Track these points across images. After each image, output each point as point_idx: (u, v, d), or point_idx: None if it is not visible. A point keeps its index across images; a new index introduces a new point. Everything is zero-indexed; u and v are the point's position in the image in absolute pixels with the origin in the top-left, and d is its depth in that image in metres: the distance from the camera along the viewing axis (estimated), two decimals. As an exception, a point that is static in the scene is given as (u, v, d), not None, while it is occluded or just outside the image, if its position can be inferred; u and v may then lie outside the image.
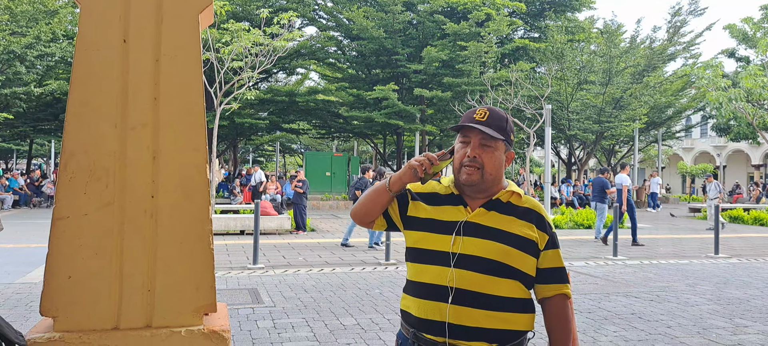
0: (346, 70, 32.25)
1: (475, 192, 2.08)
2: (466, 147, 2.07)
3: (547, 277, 2.06)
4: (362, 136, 36.22)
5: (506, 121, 2.10)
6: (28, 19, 23.06)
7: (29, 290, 7.50)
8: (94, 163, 2.29)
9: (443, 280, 2.00)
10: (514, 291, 2.01)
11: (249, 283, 8.22)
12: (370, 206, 2.21)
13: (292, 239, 13.91)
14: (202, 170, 2.42)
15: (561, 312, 2.07)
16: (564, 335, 2.06)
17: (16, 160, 50.15)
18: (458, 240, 2.02)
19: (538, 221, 2.06)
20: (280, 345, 5.24)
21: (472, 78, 25.66)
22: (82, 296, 2.23)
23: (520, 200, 2.09)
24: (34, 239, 12.02)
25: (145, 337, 2.24)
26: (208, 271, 2.37)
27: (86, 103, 2.32)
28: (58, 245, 2.24)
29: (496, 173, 2.06)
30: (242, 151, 46.73)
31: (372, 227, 2.27)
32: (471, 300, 1.97)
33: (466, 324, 1.97)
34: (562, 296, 2.07)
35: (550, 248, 2.06)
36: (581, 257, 11.50)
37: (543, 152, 33.98)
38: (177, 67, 2.42)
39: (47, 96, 24.42)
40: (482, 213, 2.05)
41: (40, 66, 24.86)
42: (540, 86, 24.54)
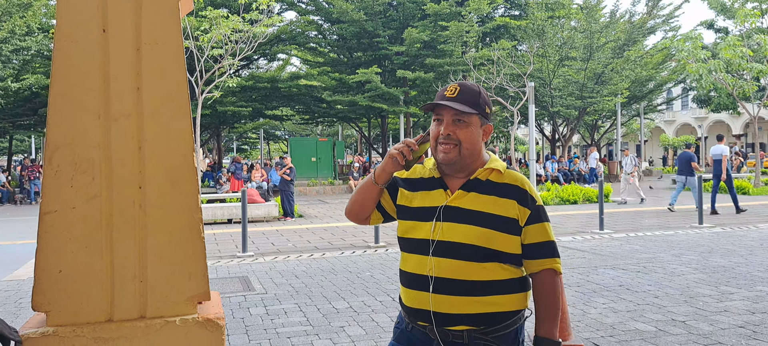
0: (327, 54, 32.08)
1: (454, 171, 2.05)
2: (440, 126, 2.03)
3: (532, 252, 2.02)
4: (346, 121, 36.13)
5: (479, 95, 2.05)
6: (1, 13, 22.62)
7: (17, 287, 7.43)
8: (79, 155, 2.26)
9: (423, 269, 2.01)
10: (499, 273, 1.99)
11: (239, 271, 8.21)
12: (361, 201, 2.21)
13: (280, 226, 13.89)
14: (189, 159, 2.40)
15: (547, 287, 2.02)
16: (549, 310, 2.02)
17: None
18: (438, 227, 2.00)
19: (519, 197, 2.01)
20: (273, 331, 5.25)
21: (454, 58, 25.64)
22: (73, 290, 2.21)
23: (500, 176, 2.04)
24: (18, 236, 11.89)
25: (140, 328, 2.23)
26: (200, 259, 2.36)
27: (68, 96, 2.29)
28: (47, 240, 2.21)
29: (473, 148, 2.03)
30: (226, 140, 46.42)
31: (368, 222, 2.26)
32: (452, 288, 1.96)
33: (449, 312, 1.97)
34: (549, 271, 2.02)
35: (533, 222, 2.01)
36: (568, 232, 11.61)
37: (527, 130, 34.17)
38: (158, 55, 2.39)
39: (25, 91, 24.05)
40: (461, 195, 2.02)
41: (16, 61, 24.43)
42: (522, 64, 24.62)
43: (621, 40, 31.03)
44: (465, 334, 1.97)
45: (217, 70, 17.08)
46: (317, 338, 5.04)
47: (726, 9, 29.33)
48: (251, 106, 28.57)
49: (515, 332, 2.04)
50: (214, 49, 16.63)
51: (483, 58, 24.82)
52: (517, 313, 2.03)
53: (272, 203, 16.03)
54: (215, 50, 16.63)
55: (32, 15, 23.42)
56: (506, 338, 2.01)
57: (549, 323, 2.01)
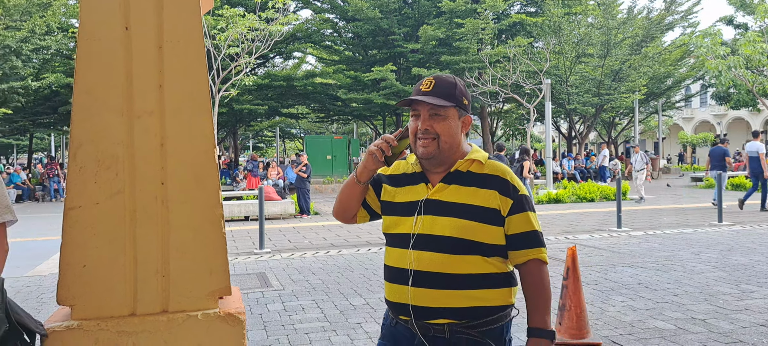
0: (342, 52, 32.12)
1: (435, 164, 2.03)
2: (417, 120, 2.02)
3: (516, 243, 1.98)
4: (361, 119, 36.18)
5: (455, 86, 2.02)
6: (21, 13, 22.93)
7: (39, 282, 7.54)
8: (102, 152, 2.29)
9: (404, 263, 2.00)
10: (483, 266, 1.96)
11: (257, 267, 8.26)
12: (346, 200, 2.20)
13: (296, 223, 13.95)
14: (211, 156, 2.43)
15: (534, 278, 1.99)
16: (539, 300, 1.99)
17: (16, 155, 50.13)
18: (420, 220, 2.00)
19: (500, 186, 1.98)
20: (291, 327, 5.29)
21: (469, 55, 25.56)
22: (97, 284, 2.24)
23: (481, 167, 2.01)
24: (39, 233, 12.06)
25: (162, 322, 2.26)
26: (221, 255, 2.38)
27: (91, 93, 2.32)
28: (71, 235, 2.25)
29: (452, 141, 2.01)
30: (242, 138, 46.68)
31: (355, 221, 2.25)
32: (431, 281, 1.95)
33: (428, 305, 1.96)
34: (535, 261, 1.99)
35: (515, 212, 1.98)
36: (585, 230, 11.53)
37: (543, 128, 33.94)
38: (180, 53, 2.41)
39: (45, 89, 24.37)
40: (442, 188, 2.01)
41: (36, 60, 24.76)
42: (538, 61, 24.46)
43: (639, 36, 30.71)
44: (446, 327, 1.95)
45: (233, 69, 17.19)
46: (334, 334, 5.07)
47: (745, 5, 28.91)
48: (267, 104, 28.73)
49: (501, 328, 2.00)
50: (231, 48, 16.72)
51: (499, 55, 24.71)
52: (503, 309, 2.00)
53: (288, 200, 16.10)
54: (232, 49, 16.72)
55: (52, 14, 23.72)
56: (491, 334, 1.98)
57: (541, 312, 1.98)
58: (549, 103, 19.48)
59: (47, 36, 23.51)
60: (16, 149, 48.54)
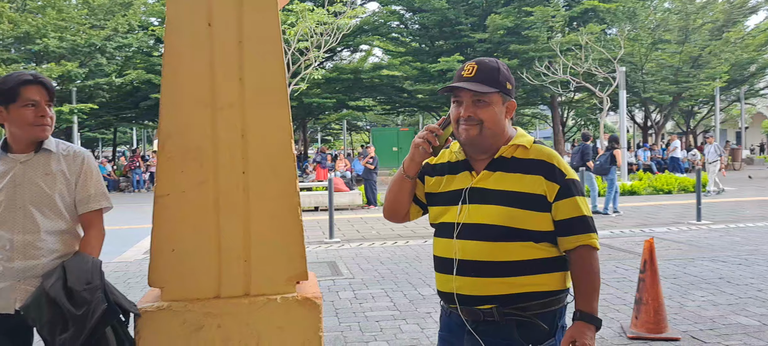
0: (409, 44, 32.10)
1: (478, 151, 2.00)
2: (460, 107, 1.98)
3: (564, 228, 1.94)
4: (427, 110, 36.06)
5: (498, 71, 1.97)
6: (105, 12, 24.17)
7: (126, 268, 7.99)
8: (188, 143, 2.42)
9: (449, 252, 1.98)
10: (529, 253, 1.92)
11: (327, 256, 8.44)
12: (396, 198, 2.16)
13: (364, 214, 14.12)
14: (288, 146, 2.52)
15: (582, 264, 1.94)
16: (587, 286, 1.95)
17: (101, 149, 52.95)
18: (464, 209, 1.97)
19: (546, 172, 1.93)
20: (362, 315, 5.39)
21: (539, 44, 25.01)
22: (185, 268, 2.37)
23: (526, 152, 1.97)
24: (125, 222, 12.72)
25: (244, 304, 2.36)
26: (299, 242, 2.47)
27: (178, 87, 2.45)
28: (160, 222, 2.39)
29: (495, 127, 1.97)
30: (311, 131, 47.54)
31: (408, 218, 2.21)
32: (476, 270, 1.93)
33: (474, 294, 1.94)
34: (584, 247, 1.94)
35: (563, 197, 1.92)
36: (663, 223, 11.12)
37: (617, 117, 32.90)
38: (259, 47, 2.51)
39: (127, 85, 25.60)
40: (486, 176, 1.97)
41: (119, 57, 26.04)
42: (612, 48, 23.66)
43: (719, 20, 29.14)
44: (494, 310, 1.92)
45: (302, 63, 17.52)
46: (405, 322, 5.13)
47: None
48: (335, 97, 29.11)
49: (554, 313, 1.96)
50: (300, 42, 17.05)
51: (570, 43, 24.05)
52: (555, 293, 1.96)
53: (356, 191, 16.30)
54: (301, 43, 17.05)
55: (133, 13, 24.88)
56: (544, 318, 1.94)
57: (588, 298, 1.94)
58: (623, 91, 18.84)
59: (129, 34, 24.69)
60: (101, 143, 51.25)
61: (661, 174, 20.31)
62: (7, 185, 2.32)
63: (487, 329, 1.94)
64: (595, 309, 1.94)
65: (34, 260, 2.31)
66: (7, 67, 21.07)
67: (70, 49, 22.87)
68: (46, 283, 2.20)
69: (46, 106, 2.37)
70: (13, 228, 2.30)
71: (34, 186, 2.34)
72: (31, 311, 2.16)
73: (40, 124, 2.35)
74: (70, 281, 2.17)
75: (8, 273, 2.30)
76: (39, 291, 2.19)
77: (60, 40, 22.43)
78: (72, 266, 2.25)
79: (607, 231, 10.26)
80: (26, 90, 2.33)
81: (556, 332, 1.96)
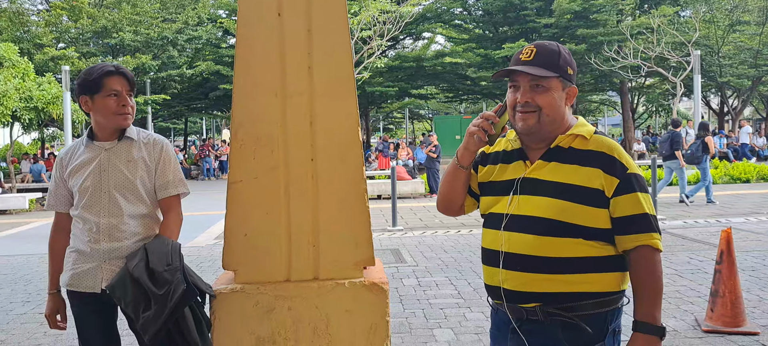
0: (472, 30, 31.71)
1: (535, 140, 1.89)
2: (516, 93, 1.87)
3: (623, 227, 1.79)
4: (491, 97, 35.56)
5: (558, 55, 1.86)
6: (176, 6, 25.07)
7: (198, 252, 8.32)
8: (260, 130, 2.49)
9: (496, 244, 1.89)
10: (582, 250, 1.79)
11: (390, 244, 8.51)
12: (450, 191, 2.08)
13: (426, 202, 14.13)
14: (355, 134, 2.55)
15: (642, 266, 1.78)
16: (647, 291, 1.78)
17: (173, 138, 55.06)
18: (514, 200, 1.87)
19: (605, 164, 1.80)
20: (426, 302, 5.42)
21: (608, 28, 24.24)
22: (257, 252, 2.45)
23: (585, 142, 1.84)
24: (196, 208, 13.23)
25: (313, 288, 2.42)
26: (366, 228, 2.51)
27: (249, 76, 2.52)
28: (234, 207, 2.47)
29: (554, 114, 1.85)
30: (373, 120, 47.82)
31: (463, 212, 2.11)
32: (522, 264, 1.83)
33: (520, 289, 1.84)
34: (645, 247, 1.78)
35: (622, 193, 1.78)
36: (740, 213, 10.61)
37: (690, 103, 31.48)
38: (327, 36, 2.54)
39: (197, 77, 26.51)
40: (540, 166, 1.87)
41: (189, 49, 26.98)
42: (686, 31, 22.67)
43: (806, -2, 27.36)
44: (538, 310, 1.82)
45: (365, 52, 17.63)
46: (469, 310, 5.12)
47: None
48: (397, 85, 29.17)
49: (605, 316, 1.82)
50: (363, 31, 17.15)
51: (641, 27, 23.18)
52: (607, 295, 1.82)
53: (418, 180, 16.32)
54: (364, 32, 17.15)
55: (202, 6, 25.71)
56: (592, 321, 1.81)
57: (649, 305, 1.78)
58: (698, 76, 18.01)
59: (198, 27, 25.54)
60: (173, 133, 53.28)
61: (738, 162, 19.33)
62: (93, 171, 2.47)
63: (532, 329, 1.85)
64: (658, 318, 1.79)
65: (118, 242, 2.45)
66: (87, 60, 22.20)
67: (143, 43, 23.87)
68: (129, 264, 2.32)
69: (127, 95, 2.50)
70: (99, 212, 2.45)
71: (117, 172, 2.48)
72: (117, 290, 2.29)
73: (122, 113, 2.48)
74: (152, 262, 2.29)
75: (95, 254, 2.45)
76: (123, 271, 2.32)
77: (135, 34, 23.45)
78: (153, 248, 2.37)
79: (681, 221, 9.88)
80: (109, 80, 2.46)
81: (606, 336, 1.83)
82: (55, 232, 2.62)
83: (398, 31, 18.26)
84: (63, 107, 15.94)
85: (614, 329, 1.85)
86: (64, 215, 2.59)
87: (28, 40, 23.37)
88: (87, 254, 2.46)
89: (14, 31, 23.18)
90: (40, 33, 23.69)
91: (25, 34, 23.80)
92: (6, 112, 15.06)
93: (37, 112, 15.76)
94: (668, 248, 7.55)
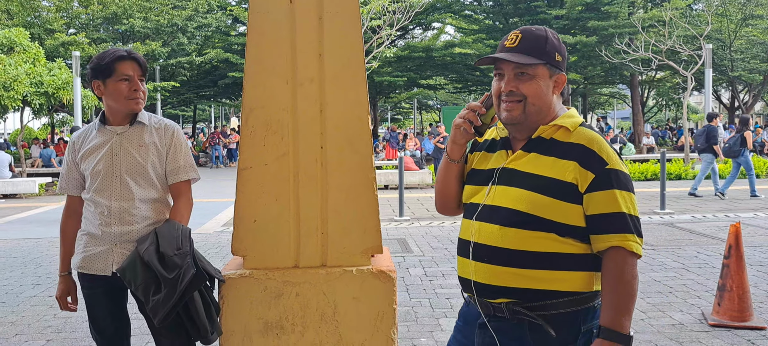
0: (482, 21, 31.56)
1: (521, 130, 1.81)
2: (501, 81, 1.80)
3: (596, 225, 1.69)
4: (500, 89, 35.44)
5: (545, 40, 1.77)
6: (186, -6, 25.10)
7: (205, 239, 8.37)
8: (270, 117, 2.50)
9: (468, 234, 1.84)
10: (552, 245, 1.70)
11: (397, 234, 8.53)
12: (445, 188, 2.01)
13: (433, 193, 14.07)
14: (365, 121, 2.56)
15: (612, 269, 1.67)
16: (614, 296, 1.67)
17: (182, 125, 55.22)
18: (492, 190, 1.80)
19: (582, 157, 1.70)
20: (432, 291, 5.43)
21: (619, 20, 24.08)
22: (266, 238, 2.47)
23: (568, 134, 1.75)
24: (204, 195, 13.29)
25: (321, 274, 2.44)
26: (374, 215, 2.52)
27: (261, 63, 2.53)
28: (244, 192, 2.49)
29: (540, 104, 1.76)
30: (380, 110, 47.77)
31: (461, 210, 2.00)
32: (491, 256, 1.75)
33: (488, 282, 1.76)
34: (618, 249, 1.67)
35: (597, 189, 1.67)
36: (749, 208, 10.56)
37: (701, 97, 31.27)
38: (338, 23, 2.55)
39: (206, 64, 26.56)
40: (520, 156, 1.79)
41: (199, 36, 27.02)
42: (698, 25, 22.48)
43: (821, -8, 27.05)
44: (504, 307, 1.75)
45: (375, 41, 17.59)
46: (475, 301, 5.13)
47: None
48: (406, 75, 29.12)
49: (574, 315, 1.73)
50: (373, 21, 17.11)
51: (653, 19, 22.99)
52: (578, 294, 1.73)
53: (426, 170, 16.32)
54: (374, 21, 17.11)
55: (212, -6, 25.71)
56: (559, 321, 1.72)
57: (616, 311, 1.66)
58: (709, 70, 17.89)
59: (208, 14, 25.55)
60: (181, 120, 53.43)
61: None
62: (105, 155, 2.49)
63: (500, 326, 1.78)
64: (626, 326, 1.66)
65: (129, 226, 2.47)
66: (97, 46, 22.28)
67: (153, 29, 23.93)
68: (140, 247, 2.35)
69: (138, 80, 2.51)
70: (111, 196, 2.47)
71: (129, 156, 2.50)
72: (127, 273, 2.32)
73: (133, 97, 2.49)
74: (163, 246, 2.31)
75: (106, 237, 2.47)
76: (134, 255, 2.35)
77: (144, 21, 23.51)
78: (164, 232, 2.39)
79: (689, 215, 9.85)
80: (121, 65, 2.48)
81: (578, 337, 1.74)
82: (67, 215, 2.65)
83: (408, 20, 18.20)
84: (73, 93, 16.03)
85: (589, 330, 1.75)
86: (76, 199, 2.62)
87: (39, 25, 23.49)
88: (98, 237, 2.48)
89: (25, 16, 23.29)
90: (51, 18, 23.80)
91: (36, 19, 23.91)
92: (17, 96, 15.16)
93: (47, 98, 15.85)
94: (676, 242, 7.53)
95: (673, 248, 7.21)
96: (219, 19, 25.86)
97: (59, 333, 4.59)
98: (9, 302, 5.49)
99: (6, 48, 16.43)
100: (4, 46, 16.39)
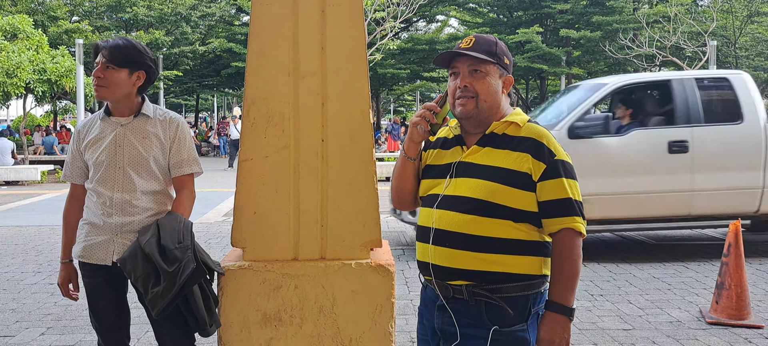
0: (486, 14, 31.45)
1: (473, 125, 2.00)
2: (456, 79, 1.98)
3: (548, 210, 1.90)
4: (504, 83, 35.36)
5: (495, 44, 1.98)
6: (190, -18, 25.05)
7: (206, 229, 8.39)
8: (272, 109, 2.50)
9: (428, 222, 1.99)
10: (506, 231, 1.90)
11: (397, 226, 8.54)
12: (401, 184, 2.16)
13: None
14: (366, 115, 2.56)
15: (562, 249, 1.90)
16: (562, 273, 1.90)
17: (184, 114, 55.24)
18: (451, 183, 1.98)
19: (534, 150, 1.90)
20: (431, 285, 5.44)
21: (624, 15, 23.98)
22: (265, 230, 2.48)
23: (518, 129, 1.95)
24: (206, 185, 13.32)
25: (320, 267, 2.45)
26: (374, 209, 2.52)
27: (263, 54, 2.52)
28: (244, 184, 2.49)
29: (491, 101, 1.96)
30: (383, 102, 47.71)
31: (418, 205, 2.16)
32: (451, 240, 1.93)
33: (447, 265, 1.94)
34: (567, 230, 1.89)
35: (548, 177, 1.89)
36: (750, 207, 10.54)
37: (705, 94, 31.08)
38: (341, 16, 2.54)
39: (210, 54, 26.53)
40: (475, 150, 1.98)
41: (202, 26, 26.97)
42: (703, 21, 22.39)
43: (828, -10, 26.90)
44: (464, 289, 1.93)
45: (378, 33, 17.55)
46: (474, 295, 5.15)
47: None
48: (409, 68, 29.06)
49: (526, 298, 1.93)
50: (377, 12, 17.06)
51: (657, 15, 22.92)
52: (528, 278, 1.93)
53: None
54: (378, 13, 17.06)
55: (216, -17, 25.65)
56: (514, 303, 1.91)
57: (563, 286, 1.89)
58: (714, 67, 17.80)
59: (212, 3, 25.50)
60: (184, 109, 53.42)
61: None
62: (108, 145, 2.50)
63: (457, 307, 1.95)
64: (570, 300, 1.90)
65: (131, 217, 2.48)
66: (101, 34, 22.25)
67: (157, 18, 23.90)
68: (141, 239, 2.36)
69: (103, 67, 2.45)
70: (113, 186, 2.48)
71: (132, 148, 2.50)
72: (128, 263, 2.33)
73: (95, 85, 2.49)
74: (164, 238, 2.32)
75: (107, 227, 2.48)
76: (135, 246, 2.36)
77: (148, 9, 23.48)
78: (165, 224, 2.40)
79: (690, 213, 9.83)
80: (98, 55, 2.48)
81: (528, 317, 1.93)
82: (70, 203, 2.66)
83: (412, 13, 18.16)
84: (76, 80, 16.02)
85: (537, 312, 1.95)
86: (79, 187, 2.63)
87: (43, 12, 23.46)
88: (100, 226, 2.50)
89: (29, 3, 23.26)
90: (55, 5, 23.77)
91: (39, 6, 23.88)
92: (19, 83, 15.17)
93: (50, 85, 15.86)
94: (675, 239, 7.53)
95: (672, 245, 7.22)
96: (222, 8, 25.83)
97: (60, 321, 4.61)
98: (10, 289, 5.52)
99: (9, 35, 16.43)
100: (7, 33, 16.39)
